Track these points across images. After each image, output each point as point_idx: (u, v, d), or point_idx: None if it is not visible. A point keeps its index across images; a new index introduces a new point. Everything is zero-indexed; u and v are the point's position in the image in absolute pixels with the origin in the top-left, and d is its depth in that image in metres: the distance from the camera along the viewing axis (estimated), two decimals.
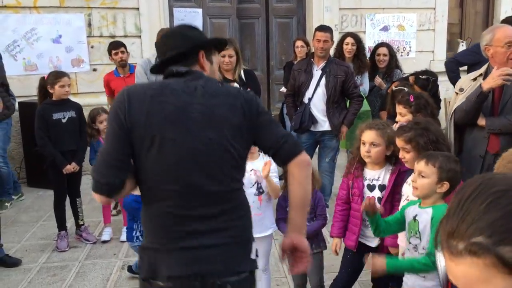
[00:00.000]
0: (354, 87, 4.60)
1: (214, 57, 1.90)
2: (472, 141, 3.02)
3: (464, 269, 0.75)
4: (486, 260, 0.72)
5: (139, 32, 6.71)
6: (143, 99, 1.70)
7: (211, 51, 1.89)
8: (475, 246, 0.73)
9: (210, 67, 1.87)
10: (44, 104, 4.21)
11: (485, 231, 0.73)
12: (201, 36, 1.89)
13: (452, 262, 0.77)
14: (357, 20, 7.60)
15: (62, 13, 6.41)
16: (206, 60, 1.85)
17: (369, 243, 2.77)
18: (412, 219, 2.26)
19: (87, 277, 3.78)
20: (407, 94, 3.21)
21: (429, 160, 2.18)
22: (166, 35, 1.91)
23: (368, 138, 2.66)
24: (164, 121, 1.68)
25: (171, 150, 1.68)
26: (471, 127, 3.03)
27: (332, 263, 3.24)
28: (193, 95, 1.73)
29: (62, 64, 6.42)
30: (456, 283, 0.78)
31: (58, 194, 4.35)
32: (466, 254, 0.74)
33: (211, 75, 1.86)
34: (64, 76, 4.21)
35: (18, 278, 3.80)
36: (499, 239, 0.72)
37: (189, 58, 1.82)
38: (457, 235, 0.75)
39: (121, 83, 5.20)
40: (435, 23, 7.89)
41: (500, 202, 0.74)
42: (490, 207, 0.74)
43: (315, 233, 2.85)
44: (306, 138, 4.73)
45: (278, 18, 7.68)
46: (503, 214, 0.73)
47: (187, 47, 1.80)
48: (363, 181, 2.74)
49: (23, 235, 4.65)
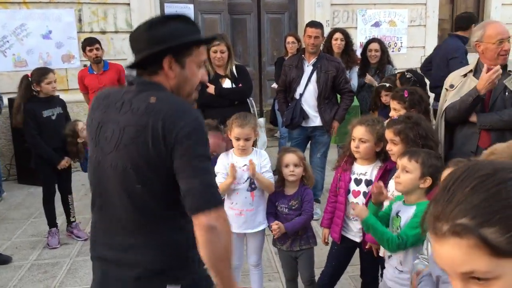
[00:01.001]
0: (345, 83, 4.61)
1: (189, 59, 1.61)
2: (463, 137, 3.04)
3: (448, 250, 0.76)
4: (469, 241, 0.74)
5: (130, 28, 6.66)
6: (94, 107, 1.70)
7: (184, 53, 1.60)
8: (459, 227, 0.74)
9: (179, 73, 1.60)
10: (32, 102, 4.14)
11: (469, 213, 0.74)
12: (173, 34, 1.56)
13: (437, 244, 0.78)
14: (349, 15, 7.61)
15: (52, 9, 6.36)
16: (174, 65, 1.59)
17: (353, 238, 2.81)
18: (395, 215, 2.30)
19: (78, 274, 3.77)
20: (402, 89, 3.22)
21: (412, 156, 2.22)
22: (134, 33, 1.63)
23: (358, 134, 2.67)
24: (90, 136, 1.67)
25: (92, 167, 1.65)
26: (462, 123, 3.04)
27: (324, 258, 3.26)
28: (117, 111, 1.57)
29: (52, 60, 6.38)
30: (441, 265, 0.80)
31: (47, 191, 4.33)
32: (450, 235, 0.75)
33: (182, 82, 1.62)
34: (50, 73, 4.15)
35: (8, 275, 3.78)
36: (483, 220, 0.73)
37: (152, 64, 1.59)
38: (442, 217, 0.77)
39: (95, 80, 5.18)
40: (426, 18, 7.93)
41: (484, 185, 0.75)
42: (475, 190, 0.75)
43: (299, 228, 2.87)
44: (297, 133, 4.74)
45: (270, 14, 7.67)
46: (487, 197, 0.74)
47: (150, 51, 1.55)
48: (351, 175, 2.77)
49: (13, 232, 4.62)
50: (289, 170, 2.83)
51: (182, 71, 1.61)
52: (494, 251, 0.73)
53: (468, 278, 0.76)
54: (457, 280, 0.77)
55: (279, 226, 2.82)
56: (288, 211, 2.88)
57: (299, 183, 2.91)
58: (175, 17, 1.62)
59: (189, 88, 1.66)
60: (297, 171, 2.84)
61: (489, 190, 0.75)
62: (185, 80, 1.63)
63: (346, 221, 2.80)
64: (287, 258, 3.02)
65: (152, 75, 1.61)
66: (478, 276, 0.74)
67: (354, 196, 2.75)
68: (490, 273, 0.74)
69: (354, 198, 2.75)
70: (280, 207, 2.91)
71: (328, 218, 2.91)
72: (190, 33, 1.61)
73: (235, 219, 2.91)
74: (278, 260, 3.76)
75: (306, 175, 2.91)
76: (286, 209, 2.88)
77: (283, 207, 2.90)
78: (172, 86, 1.62)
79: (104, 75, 5.22)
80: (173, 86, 1.62)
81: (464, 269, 0.75)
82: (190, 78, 1.64)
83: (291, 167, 2.83)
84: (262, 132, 3.97)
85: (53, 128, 4.18)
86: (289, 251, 2.96)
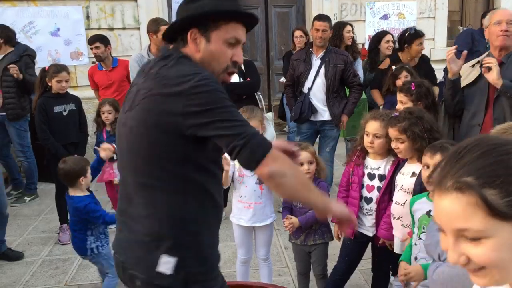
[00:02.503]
0: (353, 76, 4.58)
1: (215, 33, 1.56)
2: (465, 129, 3.03)
3: (448, 204, 0.80)
4: (469, 198, 0.78)
5: (138, 24, 6.68)
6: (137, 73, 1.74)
7: (209, 26, 1.55)
8: (462, 184, 0.78)
9: (204, 47, 1.57)
10: (45, 97, 4.19)
11: (475, 173, 0.78)
12: (201, 6, 1.54)
13: (439, 198, 0.82)
14: (357, 8, 7.55)
15: (60, 6, 6.39)
16: (200, 38, 1.56)
17: (366, 232, 2.79)
18: (426, 214, 2.19)
19: (90, 270, 3.79)
20: (409, 82, 3.19)
21: (432, 151, 2.14)
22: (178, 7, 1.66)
23: (372, 129, 2.65)
24: None
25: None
26: (465, 115, 3.04)
27: (335, 252, 3.25)
28: (143, 75, 1.58)
29: (61, 57, 6.41)
30: (438, 220, 0.84)
31: (60, 187, 4.35)
32: (452, 190, 0.79)
33: (208, 57, 1.57)
34: (63, 71, 4.13)
35: (21, 271, 3.82)
36: (486, 181, 0.77)
37: (180, 36, 1.60)
38: (448, 174, 0.81)
39: (104, 77, 5.18)
40: (435, 10, 7.84)
41: (494, 152, 0.79)
42: (484, 155, 0.79)
43: (312, 222, 2.86)
44: (306, 128, 4.72)
45: (277, 8, 7.64)
46: (493, 162, 0.78)
47: (176, 23, 1.60)
48: (364, 170, 2.75)
49: (25, 228, 4.67)
50: (303, 169, 2.77)
51: (207, 45, 1.57)
52: (491, 211, 0.76)
53: (461, 236, 0.80)
54: (450, 236, 0.81)
55: (292, 222, 2.82)
56: (303, 205, 2.86)
57: (313, 176, 2.90)
58: None
59: (216, 66, 1.60)
60: (311, 168, 2.82)
61: (497, 157, 0.79)
62: (211, 55, 1.58)
63: (359, 215, 2.78)
64: (301, 252, 3.01)
65: (181, 47, 1.59)
66: (471, 235, 0.78)
67: (368, 190, 2.74)
68: (483, 232, 0.77)
69: (368, 192, 2.73)
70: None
71: None
72: (221, 6, 1.55)
73: (244, 212, 2.92)
74: (288, 255, 3.76)
75: (319, 168, 2.90)
76: (300, 203, 2.87)
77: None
78: (198, 60, 1.57)
79: (113, 71, 5.22)
80: (199, 60, 1.57)
81: (460, 225, 0.79)
82: (216, 54, 1.58)
83: (305, 165, 2.78)
84: (270, 126, 3.96)
85: (63, 124, 4.20)
86: (303, 245, 2.95)
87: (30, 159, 5.34)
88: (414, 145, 2.40)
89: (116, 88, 5.19)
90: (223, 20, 1.57)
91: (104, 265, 3.13)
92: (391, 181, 2.65)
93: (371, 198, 2.73)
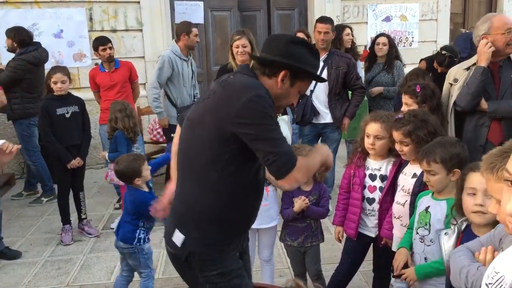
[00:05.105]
0: (356, 79, 4.59)
1: (299, 83, 1.89)
2: (472, 131, 3.02)
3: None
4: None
5: (141, 26, 6.70)
6: None
7: (299, 76, 1.87)
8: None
9: (286, 88, 1.87)
10: (47, 99, 4.21)
11: None
12: (301, 58, 1.84)
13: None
14: (359, 11, 7.56)
15: (63, 8, 6.41)
16: (287, 80, 1.85)
17: (369, 233, 2.80)
18: (424, 210, 2.24)
19: (92, 270, 3.81)
20: (414, 84, 3.18)
21: (429, 158, 2.17)
22: (278, 37, 2.07)
23: (373, 131, 2.66)
24: None
25: None
26: (471, 116, 3.02)
27: (335, 254, 3.26)
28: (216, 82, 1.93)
29: (64, 59, 6.43)
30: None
31: (62, 189, 4.37)
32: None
33: (283, 96, 1.88)
34: (58, 73, 4.12)
35: (23, 271, 3.84)
36: None
37: (272, 69, 1.85)
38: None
39: (106, 78, 5.21)
40: (437, 12, 7.84)
41: None
42: None
43: (315, 217, 2.90)
44: (308, 130, 4.73)
45: (279, 10, 7.65)
46: None
47: (281, 59, 1.83)
48: (365, 171, 2.76)
49: (28, 229, 4.68)
50: None
51: (289, 88, 1.88)
52: None
53: None
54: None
55: (305, 200, 2.82)
56: None
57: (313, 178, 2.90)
58: (310, 47, 1.93)
59: (284, 103, 1.94)
60: None
61: None
62: (286, 96, 1.90)
63: (362, 216, 2.79)
64: (296, 254, 3.03)
65: (264, 76, 1.86)
66: None
67: (370, 191, 2.75)
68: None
69: (370, 193, 2.74)
70: None
71: (340, 216, 2.90)
72: (312, 65, 1.91)
73: None
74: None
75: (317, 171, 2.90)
76: None
77: None
78: (274, 93, 1.84)
79: (116, 72, 5.25)
80: (274, 93, 1.84)
81: None
82: (290, 97, 1.92)
83: None
84: (285, 129, 3.95)
85: (66, 126, 4.21)
86: (299, 247, 2.96)
87: (36, 162, 5.36)
88: (418, 148, 2.40)
89: (119, 89, 5.22)
90: (308, 77, 1.93)
91: (140, 263, 3.07)
92: (393, 182, 2.66)
93: (373, 199, 2.74)
